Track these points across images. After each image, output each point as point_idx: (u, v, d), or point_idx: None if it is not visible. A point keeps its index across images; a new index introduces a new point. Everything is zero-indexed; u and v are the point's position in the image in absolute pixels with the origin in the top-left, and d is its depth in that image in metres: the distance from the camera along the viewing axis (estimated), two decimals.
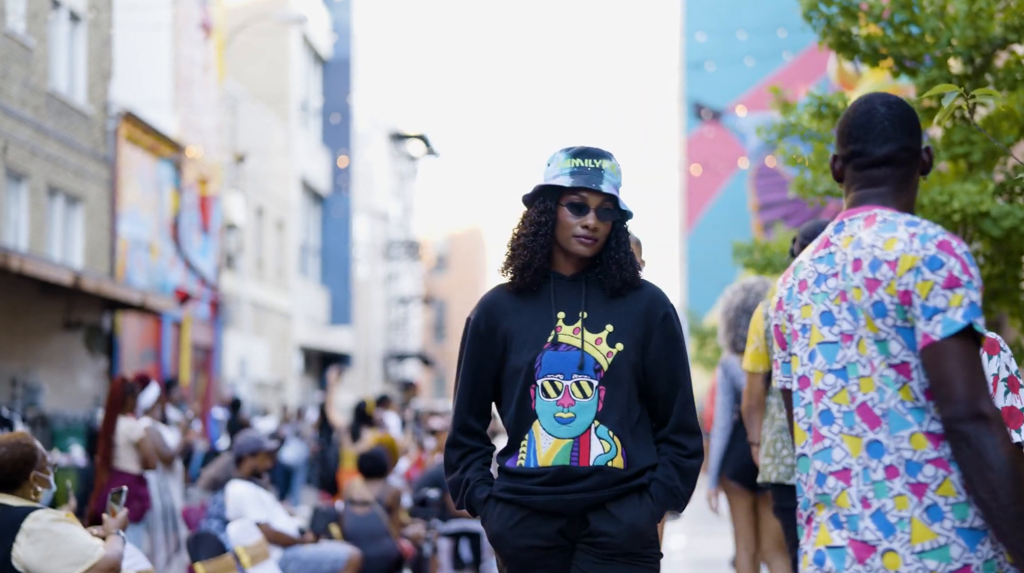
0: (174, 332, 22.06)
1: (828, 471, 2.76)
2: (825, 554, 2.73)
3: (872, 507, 2.68)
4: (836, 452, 2.75)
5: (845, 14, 7.67)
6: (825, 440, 2.77)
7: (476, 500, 3.66)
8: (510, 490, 3.59)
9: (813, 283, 2.84)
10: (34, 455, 4.83)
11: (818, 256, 2.85)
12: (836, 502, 2.73)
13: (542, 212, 3.64)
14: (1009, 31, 7.20)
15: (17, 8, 16.69)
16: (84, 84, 18.84)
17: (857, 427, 2.72)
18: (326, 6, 34.62)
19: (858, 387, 2.73)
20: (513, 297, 3.71)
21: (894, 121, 2.84)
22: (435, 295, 51.37)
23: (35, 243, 16.85)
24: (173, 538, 9.21)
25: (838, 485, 2.74)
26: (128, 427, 8.78)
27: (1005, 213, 7.10)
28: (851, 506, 2.70)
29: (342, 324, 34.68)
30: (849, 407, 2.73)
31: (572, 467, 3.53)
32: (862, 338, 2.72)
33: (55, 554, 4.66)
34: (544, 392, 3.57)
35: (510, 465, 3.62)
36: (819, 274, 2.83)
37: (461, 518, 11.71)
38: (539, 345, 3.60)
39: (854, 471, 2.70)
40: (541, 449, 3.56)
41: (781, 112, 8.36)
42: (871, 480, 2.69)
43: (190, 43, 23.03)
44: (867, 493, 2.69)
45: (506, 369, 3.65)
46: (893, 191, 2.84)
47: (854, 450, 2.72)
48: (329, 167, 34.10)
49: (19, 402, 15.60)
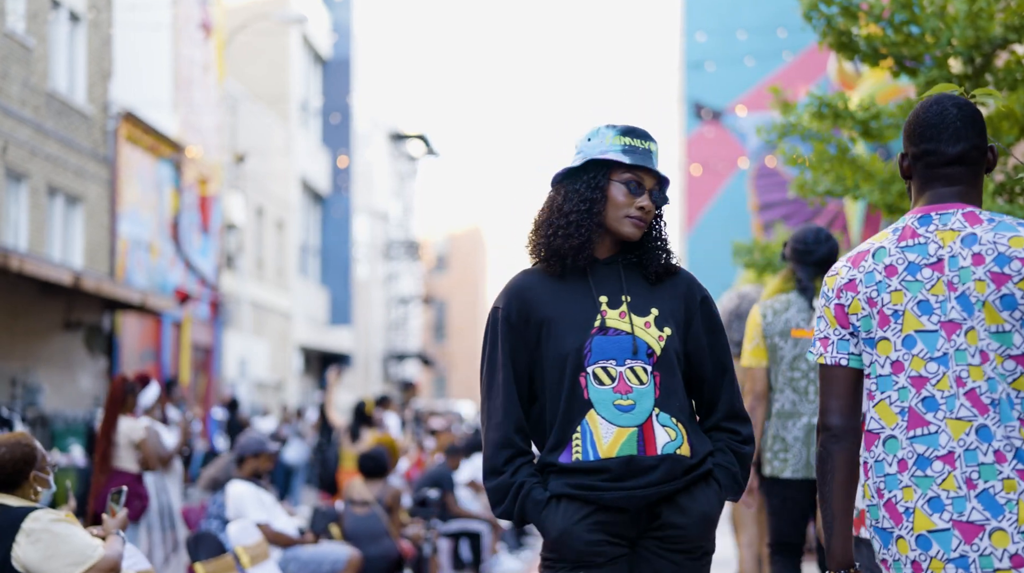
0: (174, 332, 22.06)
1: (935, 456, 2.87)
2: (930, 538, 2.84)
3: (978, 488, 2.82)
4: (942, 437, 2.88)
5: (845, 14, 7.66)
6: (930, 425, 2.89)
7: (534, 501, 3.35)
8: (573, 486, 3.32)
9: (905, 270, 2.94)
10: (34, 455, 4.83)
11: (905, 245, 2.96)
12: (941, 485, 2.85)
13: (593, 188, 3.41)
14: (1009, 31, 7.20)
15: (17, 8, 16.69)
16: (84, 84, 18.84)
17: (963, 411, 2.86)
18: (326, 6, 34.62)
19: (968, 374, 2.86)
20: (545, 281, 3.45)
21: (965, 121, 2.98)
22: (435, 295, 51.38)
23: (35, 243, 16.85)
24: (171, 538, 9.20)
25: (945, 469, 2.86)
26: (129, 427, 8.77)
27: (1005, 213, 7.10)
28: (957, 489, 2.83)
29: (342, 324, 34.68)
30: (952, 392, 2.87)
31: (639, 457, 3.30)
32: (973, 328, 2.86)
33: (55, 554, 4.65)
34: (597, 379, 3.33)
35: (564, 461, 3.34)
36: (910, 262, 2.94)
37: (461, 518, 11.71)
38: (586, 330, 3.36)
39: (956, 453, 2.84)
40: (602, 440, 3.31)
41: (781, 112, 8.35)
42: (977, 462, 2.83)
43: (190, 43, 23.03)
44: (971, 474, 2.83)
45: (545, 358, 3.38)
46: (969, 189, 2.98)
47: (956, 433, 2.86)
48: (329, 167, 34.10)
49: (19, 402, 15.59)
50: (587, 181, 3.40)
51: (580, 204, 3.40)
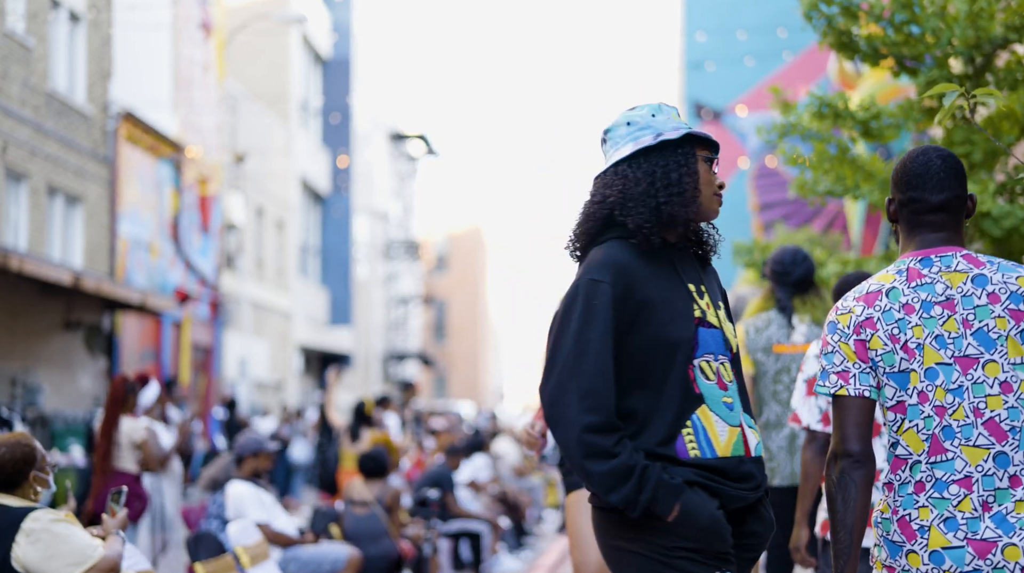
0: (174, 332, 22.05)
1: (951, 480, 3.06)
2: (943, 554, 3.01)
3: (992, 510, 3.01)
4: (958, 462, 3.06)
5: (845, 14, 7.66)
6: (948, 453, 3.07)
7: (671, 486, 3.03)
8: (704, 478, 3.09)
9: (921, 308, 3.13)
10: (34, 455, 4.83)
11: (916, 284, 3.16)
12: (957, 507, 3.03)
13: (690, 162, 3.20)
14: (1010, 31, 7.19)
15: (17, 8, 16.69)
16: (84, 84, 18.83)
17: (981, 440, 3.05)
18: (326, 6, 34.62)
19: (986, 405, 3.06)
20: (638, 259, 3.18)
21: (949, 172, 3.20)
22: (435, 295, 51.37)
23: (35, 243, 16.85)
24: (160, 539, 9.19)
25: (961, 492, 3.05)
26: (131, 428, 8.77)
27: (1006, 213, 7.09)
28: (973, 510, 3.02)
29: (342, 324, 34.68)
30: (969, 421, 3.06)
31: (746, 458, 3.15)
32: (994, 361, 3.07)
33: (55, 554, 4.65)
34: (703, 373, 3.15)
35: (681, 456, 3.09)
36: (923, 301, 3.14)
37: (461, 518, 11.71)
38: (690, 319, 3.15)
39: (974, 478, 3.03)
40: (718, 437, 3.13)
41: (781, 112, 8.35)
42: (994, 487, 3.02)
43: (190, 43, 23.02)
44: (987, 498, 3.02)
45: (644, 343, 3.12)
46: (953, 235, 3.20)
47: (973, 460, 3.05)
48: (329, 167, 34.10)
49: (19, 402, 15.59)
50: (681, 155, 3.19)
51: (688, 176, 3.19)
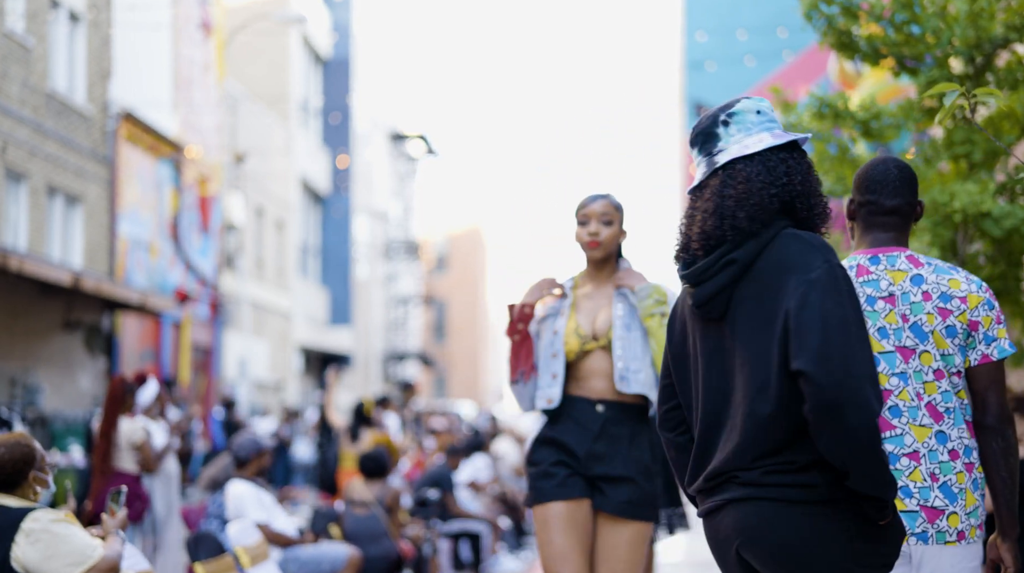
0: (174, 332, 22.05)
1: (901, 453, 3.58)
2: (900, 517, 3.31)
3: (939, 481, 3.55)
4: (907, 438, 3.58)
5: (846, 14, 7.65)
6: (897, 429, 3.58)
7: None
8: None
9: (866, 302, 3.62)
10: (33, 455, 4.82)
11: (863, 280, 3.64)
12: (909, 477, 3.56)
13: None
14: (1010, 31, 7.19)
15: (16, 8, 16.68)
16: (84, 84, 18.83)
17: (925, 420, 3.57)
18: (326, 6, 34.61)
19: (924, 390, 3.58)
20: None
21: (903, 181, 3.67)
22: (435, 295, 51.37)
23: (35, 243, 16.84)
24: (150, 541, 9.18)
25: (911, 464, 3.58)
26: (130, 429, 8.77)
27: (1006, 213, 7.08)
28: (923, 480, 3.56)
29: (342, 324, 34.67)
30: (914, 403, 3.58)
31: None
32: (927, 351, 3.58)
33: (54, 554, 4.65)
34: None
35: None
36: (868, 296, 3.63)
37: (461, 518, 11.71)
38: None
39: (921, 453, 3.56)
40: None
41: (781, 112, 8.34)
42: (938, 460, 3.56)
43: (190, 43, 23.02)
44: (934, 470, 3.56)
45: None
46: (900, 235, 3.69)
47: (920, 437, 3.57)
48: (329, 167, 34.10)
49: (19, 402, 15.59)
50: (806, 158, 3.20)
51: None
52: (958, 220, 7.17)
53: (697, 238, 3.10)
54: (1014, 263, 7.59)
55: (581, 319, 4.97)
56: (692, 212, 3.16)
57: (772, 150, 3.11)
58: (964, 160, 7.56)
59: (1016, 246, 7.39)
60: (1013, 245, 7.38)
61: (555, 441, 4.92)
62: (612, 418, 4.91)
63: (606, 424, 4.90)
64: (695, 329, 3.14)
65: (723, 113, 3.17)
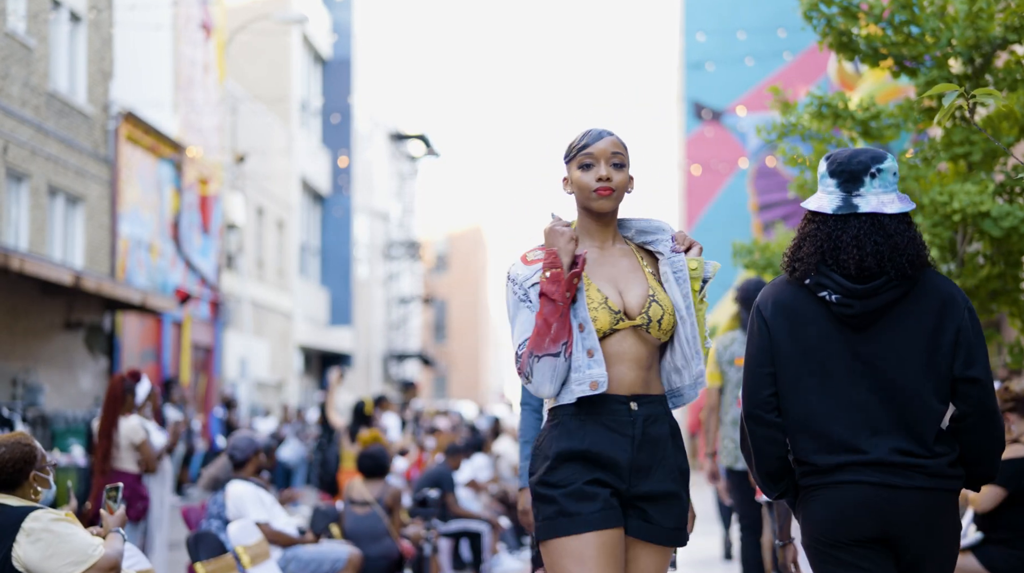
0: (174, 332, 22.06)
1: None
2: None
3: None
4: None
5: (845, 14, 7.66)
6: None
7: None
8: None
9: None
10: (34, 455, 4.83)
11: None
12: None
13: None
14: (1009, 31, 7.20)
15: (17, 8, 16.69)
16: (84, 84, 18.84)
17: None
18: (326, 6, 34.61)
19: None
20: None
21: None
22: (435, 295, 51.35)
23: (36, 243, 16.85)
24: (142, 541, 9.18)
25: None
26: (131, 429, 8.77)
27: (1005, 213, 7.09)
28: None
29: (342, 324, 34.67)
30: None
31: None
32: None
33: (55, 553, 4.66)
34: None
35: None
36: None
37: (461, 518, 11.71)
38: None
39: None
40: None
41: (781, 112, 8.35)
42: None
43: (190, 43, 23.03)
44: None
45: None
46: None
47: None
48: (329, 167, 34.09)
49: (19, 402, 15.59)
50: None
51: None
52: (957, 220, 7.18)
53: (855, 268, 3.66)
54: (1013, 263, 7.60)
55: (605, 288, 3.81)
56: (834, 242, 3.70)
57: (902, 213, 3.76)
58: (963, 160, 7.57)
59: (1015, 246, 7.40)
60: (1012, 245, 7.39)
61: (584, 454, 3.72)
62: (650, 417, 3.77)
63: (646, 426, 3.76)
64: (825, 332, 3.68)
65: (874, 166, 3.69)
